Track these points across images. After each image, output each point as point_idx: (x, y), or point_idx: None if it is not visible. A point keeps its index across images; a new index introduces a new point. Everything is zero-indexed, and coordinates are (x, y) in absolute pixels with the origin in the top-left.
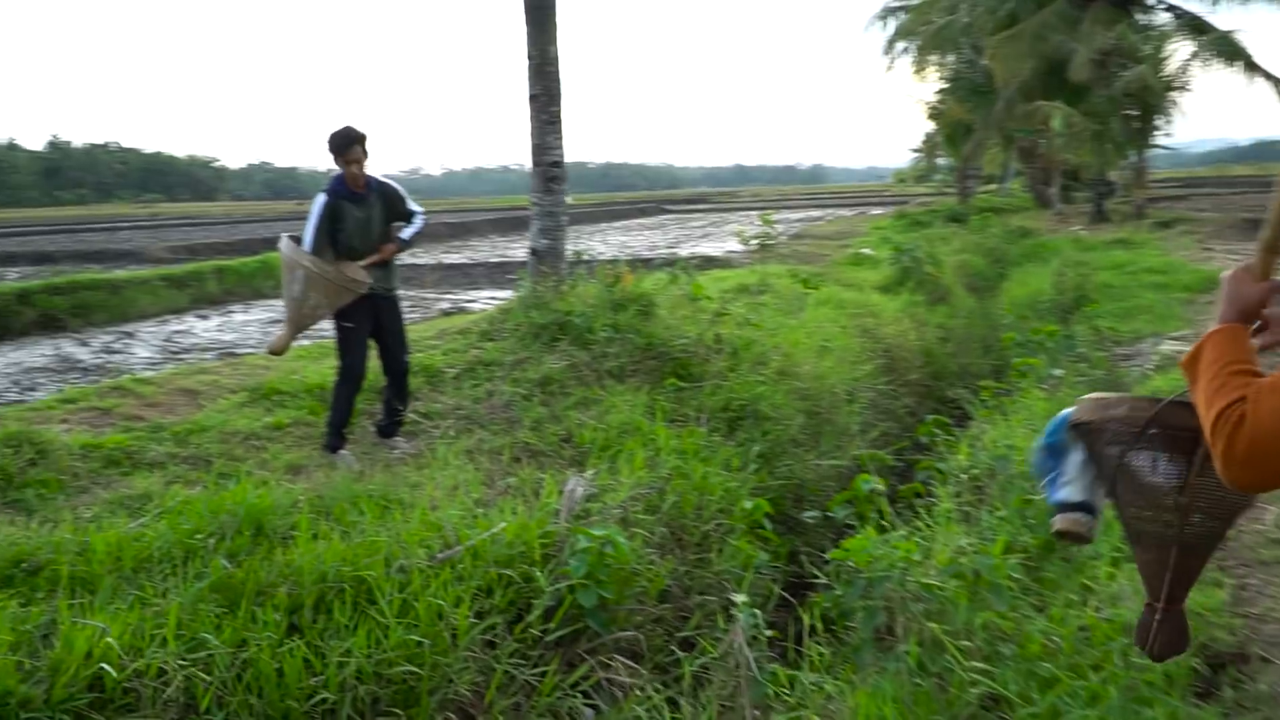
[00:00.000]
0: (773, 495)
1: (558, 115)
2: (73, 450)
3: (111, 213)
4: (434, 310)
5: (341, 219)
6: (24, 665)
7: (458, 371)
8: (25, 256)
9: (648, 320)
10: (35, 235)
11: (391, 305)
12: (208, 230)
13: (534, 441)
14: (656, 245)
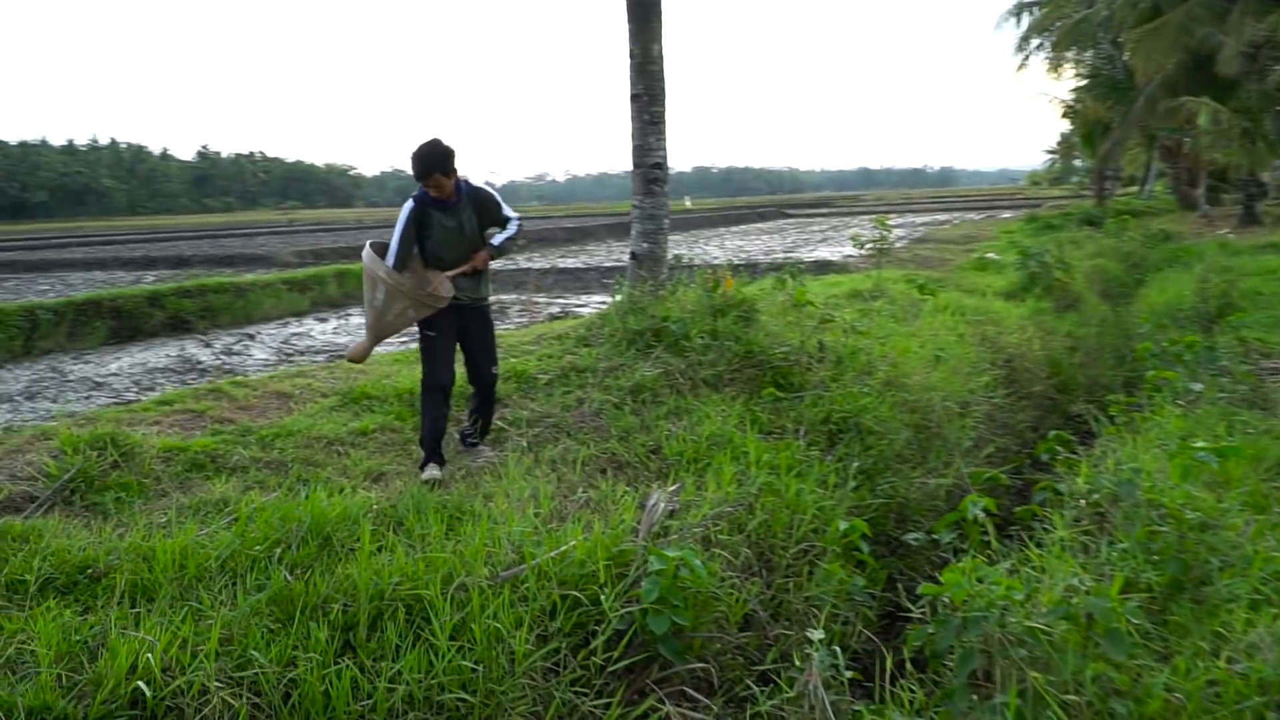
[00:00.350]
0: (872, 515)
1: (660, 115)
2: (158, 453)
3: (253, 219)
4: (543, 315)
5: (429, 227)
6: (65, 679)
7: (550, 378)
8: (165, 260)
9: (748, 327)
10: (178, 240)
11: (480, 315)
12: (336, 235)
13: (621, 452)
14: (773, 250)
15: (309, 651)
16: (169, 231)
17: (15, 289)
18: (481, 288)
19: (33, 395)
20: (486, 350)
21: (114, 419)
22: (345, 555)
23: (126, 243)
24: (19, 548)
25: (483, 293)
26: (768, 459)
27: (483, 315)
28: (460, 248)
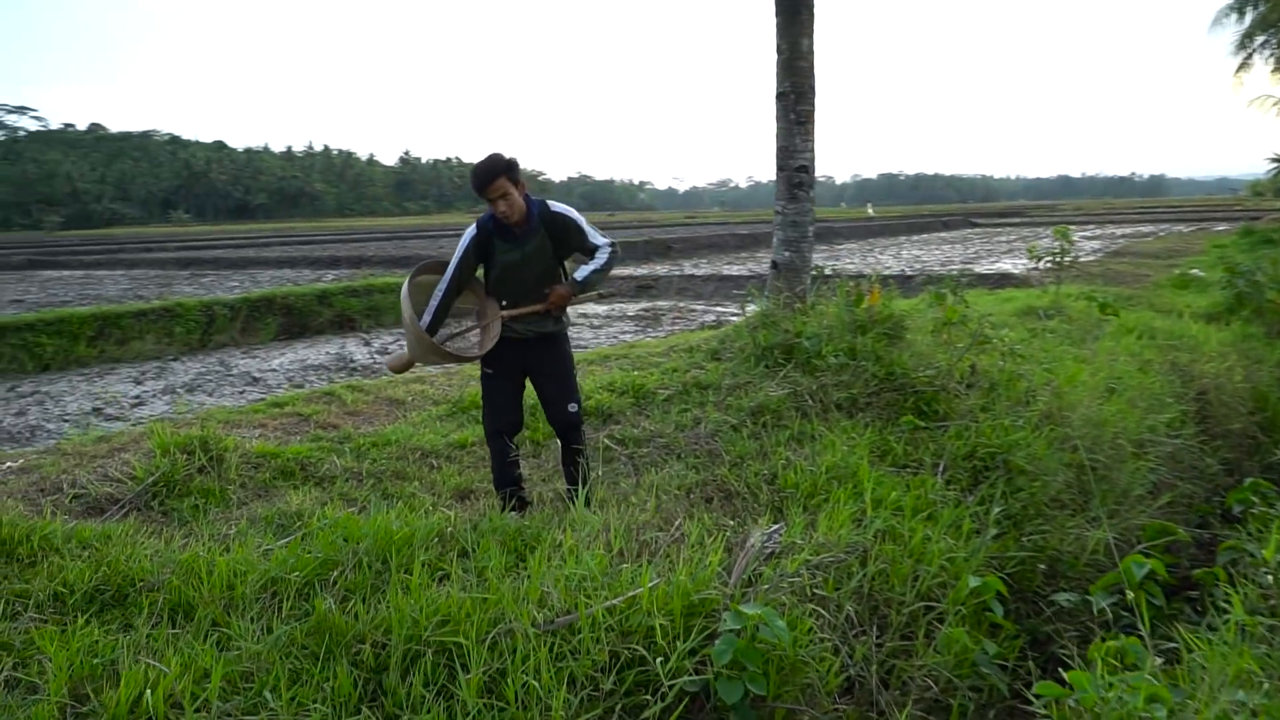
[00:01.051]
0: (1015, 569)
1: (808, 115)
2: (250, 458)
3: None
4: (696, 322)
5: (491, 256)
6: (70, 708)
7: (670, 393)
8: (348, 260)
9: (892, 346)
10: (368, 240)
11: (549, 346)
12: None
13: (731, 480)
14: (951, 260)
15: (336, 696)
16: (364, 232)
17: (209, 284)
18: (548, 321)
19: (193, 388)
20: (561, 384)
21: (224, 419)
22: (400, 584)
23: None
24: (80, 553)
25: (549, 327)
26: (894, 497)
27: (552, 345)
28: (523, 283)
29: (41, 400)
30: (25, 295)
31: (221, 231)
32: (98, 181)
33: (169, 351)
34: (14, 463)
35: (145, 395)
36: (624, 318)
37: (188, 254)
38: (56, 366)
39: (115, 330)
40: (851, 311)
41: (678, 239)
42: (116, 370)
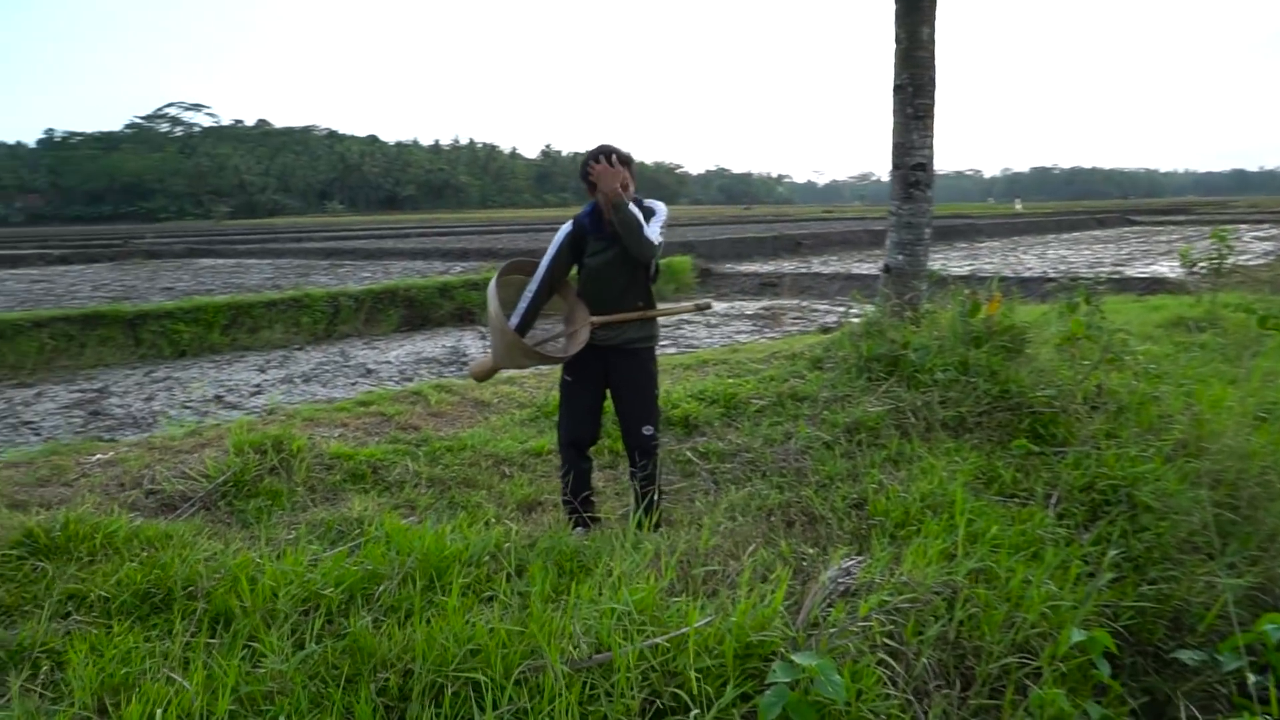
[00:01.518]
0: (1131, 619)
1: (926, 109)
2: (324, 459)
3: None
4: (816, 324)
5: (583, 256)
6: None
7: (763, 405)
8: (477, 253)
9: (1011, 360)
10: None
11: (631, 358)
12: None
13: (816, 503)
14: (1100, 262)
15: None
16: (503, 224)
17: (343, 275)
18: (635, 326)
19: (309, 379)
20: (640, 403)
21: (308, 417)
22: (437, 606)
23: (456, 234)
24: (139, 554)
25: (633, 333)
26: (995, 532)
27: (635, 358)
28: (613, 287)
29: (170, 386)
30: (177, 283)
31: (370, 222)
32: (262, 174)
33: (296, 341)
34: (104, 454)
35: (265, 384)
36: (741, 317)
37: (330, 244)
38: (192, 353)
39: (247, 319)
40: (966, 321)
41: (809, 234)
42: (245, 358)
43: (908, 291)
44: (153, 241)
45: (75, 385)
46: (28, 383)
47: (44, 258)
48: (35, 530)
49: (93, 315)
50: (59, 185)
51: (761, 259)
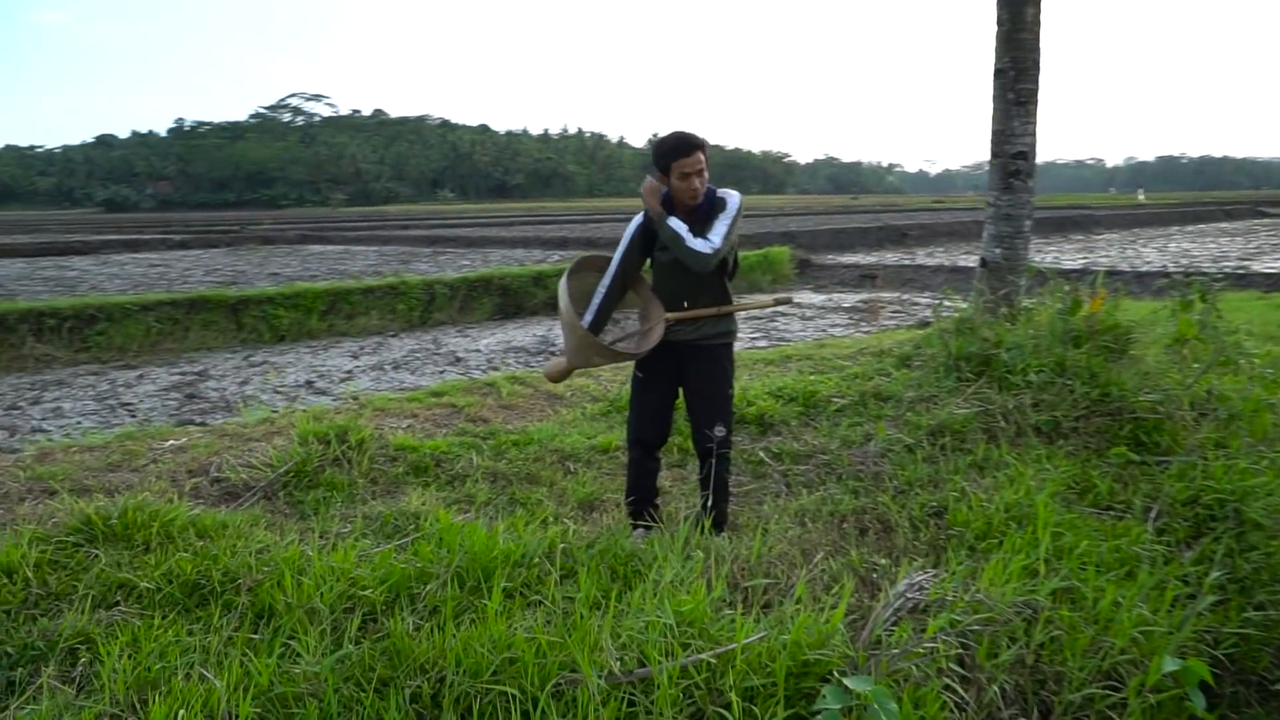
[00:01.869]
0: (1233, 647)
1: (1029, 95)
2: (389, 451)
3: None
4: (916, 318)
5: (654, 249)
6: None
7: (844, 404)
8: (576, 241)
9: (1114, 362)
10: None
11: (705, 355)
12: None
13: (892, 511)
14: (1226, 256)
15: None
16: (607, 213)
17: (443, 262)
18: (710, 320)
19: (399, 366)
20: (711, 403)
21: (379, 407)
22: (479, 611)
23: (558, 223)
24: (195, 543)
25: (709, 328)
26: (1085, 548)
27: (710, 355)
28: (687, 279)
29: (266, 371)
30: (285, 268)
31: (477, 210)
32: (377, 163)
33: (391, 328)
34: (175, 441)
35: (356, 370)
36: (838, 309)
37: (435, 232)
38: (291, 338)
39: (345, 305)
40: (1065, 319)
41: (916, 225)
42: (341, 344)
43: (1004, 287)
44: (268, 228)
45: (177, 368)
46: (132, 364)
47: (165, 242)
48: (93, 517)
49: (197, 300)
50: (187, 173)
51: (864, 250)
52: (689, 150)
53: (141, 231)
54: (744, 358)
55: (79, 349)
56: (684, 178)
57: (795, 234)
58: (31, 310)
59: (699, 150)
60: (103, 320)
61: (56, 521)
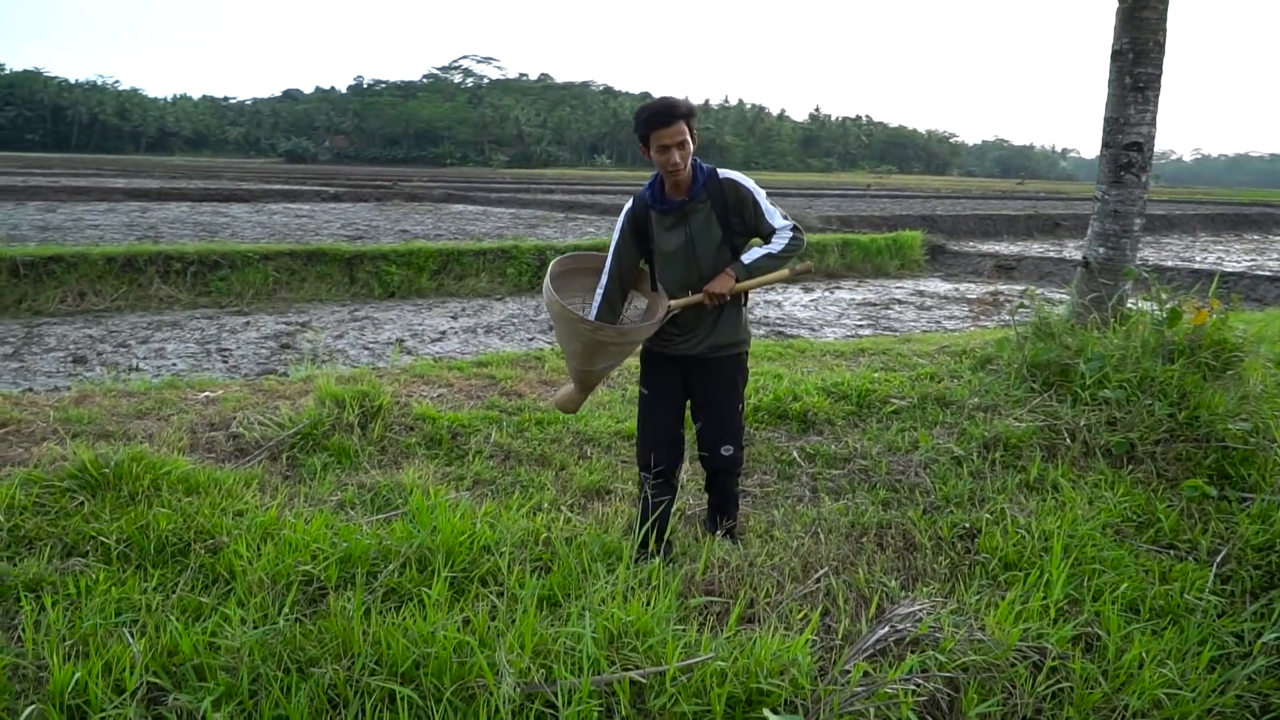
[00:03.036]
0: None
1: (1149, 79)
2: (408, 419)
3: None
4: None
5: (651, 241)
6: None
7: (901, 406)
8: None
9: (1212, 381)
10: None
11: (714, 369)
12: (905, 203)
13: (919, 529)
14: None
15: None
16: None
17: (572, 228)
18: (719, 329)
19: (490, 330)
20: (721, 420)
21: (419, 374)
22: (475, 593)
23: None
24: (182, 500)
25: (717, 338)
26: (1127, 589)
27: (720, 368)
28: (690, 272)
29: (363, 326)
30: (418, 225)
31: (629, 176)
32: (540, 126)
33: (498, 291)
34: (210, 393)
35: (450, 332)
36: (961, 300)
37: (574, 197)
38: (400, 295)
39: (455, 266)
40: (1160, 330)
41: (1072, 215)
42: (446, 304)
43: (1109, 290)
44: (416, 185)
45: (284, 317)
46: (245, 311)
47: (320, 194)
48: (89, 464)
49: (315, 252)
50: (362, 128)
51: (1010, 239)
52: (669, 119)
53: (304, 182)
54: (815, 348)
55: (200, 293)
56: (663, 150)
57: (938, 218)
58: (160, 253)
59: (681, 120)
60: (225, 267)
61: (57, 466)
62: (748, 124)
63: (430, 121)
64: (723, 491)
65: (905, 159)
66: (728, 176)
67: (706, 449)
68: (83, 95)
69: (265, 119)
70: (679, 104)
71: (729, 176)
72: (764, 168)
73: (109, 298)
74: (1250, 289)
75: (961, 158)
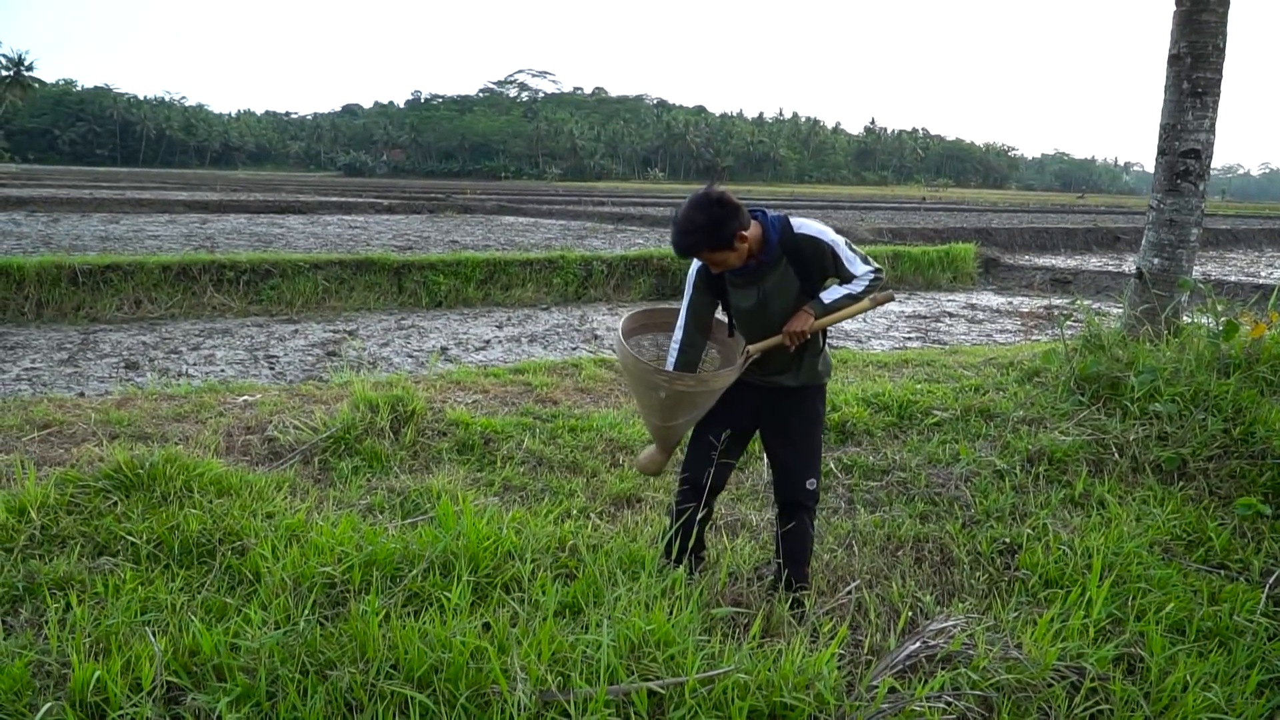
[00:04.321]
0: None
1: (1208, 85)
2: (440, 425)
3: (895, 194)
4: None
5: (724, 295)
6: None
7: (944, 417)
8: None
9: (1269, 396)
10: (803, 206)
11: (793, 399)
12: (959, 215)
13: (955, 543)
14: None
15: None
16: (808, 199)
17: (620, 239)
18: (794, 368)
19: (535, 339)
20: (801, 451)
21: (456, 380)
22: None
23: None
24: (214, 502)
25: (794, 377)
26: (1173, 610)
27: (805, 399)
28: (765, 329)
29: (409, 335)
30: (468, 236)
31: (682, 189)
32: (593, 139)
33: (544, 301)
34: (249, 397)
35: (494, 341)
36: (1013, 314)
37: (624, 209)
38: (447, 304)
39: (502, 276)
40: (1216, 343)
41: (1131, 229)
42: (492, 314)
43: (1163, 301)
44: (468, 198)
45: (332, 325)
46: (295, 319)
47: (374, 206)
48: (124, 465)
49: (364, 261)
50: (419, 142)
51: (1067, 252)
52: (684, 254)
53: (360, 195)
54: (858, 359)
55: (252, 301)
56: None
57: (993, 231)
58: (214, 262)
59: (693, 253)
60: (276, 276)
61: (94, 467)
62: (802, 137)
63: (485, 135)
64: (799, 531)
65: (962, 172)
66: (804, 232)
67: (788, 482)
68: (150, 111)
69: (325, 133)
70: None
71: (805, 232)
72: (818, 181)
73: (164, 305)
74: None
75: (1020, 171)
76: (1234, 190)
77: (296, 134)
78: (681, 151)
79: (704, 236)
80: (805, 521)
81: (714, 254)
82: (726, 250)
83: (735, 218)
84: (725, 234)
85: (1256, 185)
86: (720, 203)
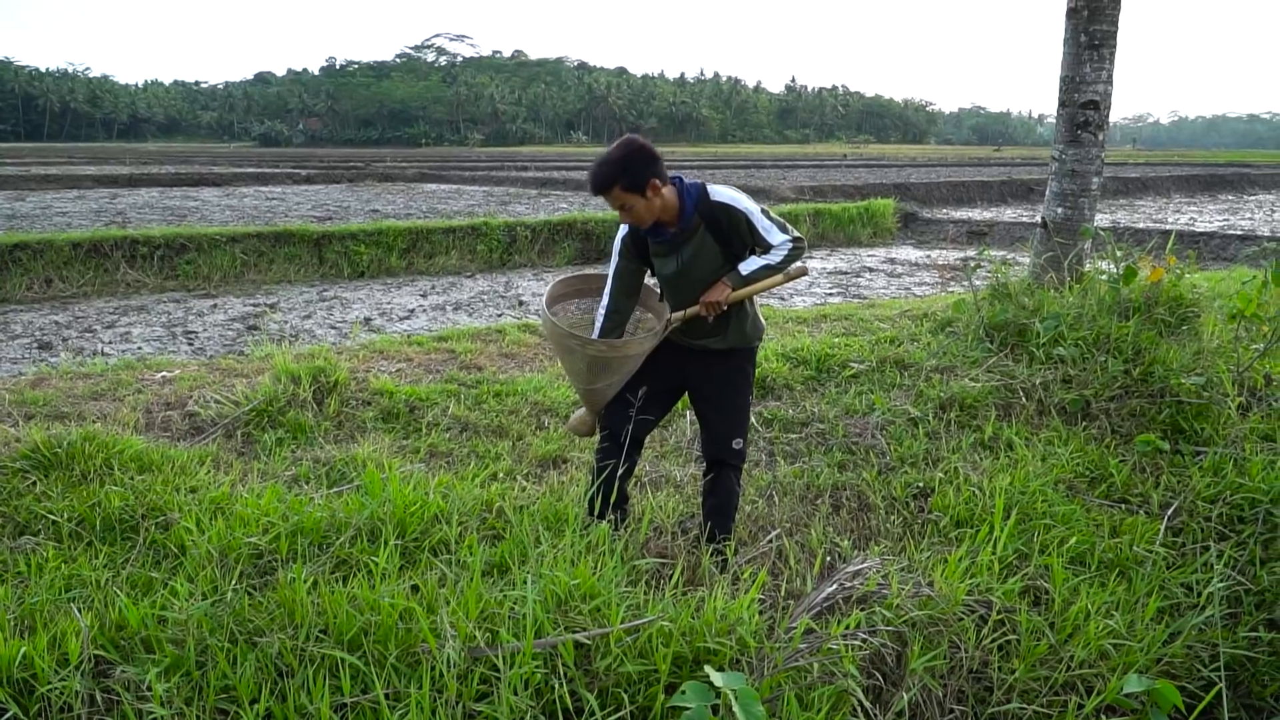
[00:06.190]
0: (1241, 670)
1: (1104, 37)
2: (364, 395)
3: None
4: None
5: (650, 260)
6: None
7: (860, 370)
8: None
9: (1167, 338)
10: (714, 168)
11: (718, 362)
12: (879, 171)
13: (871, 490)
14: None
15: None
16: (732, 159)
17: (543, 205)
18: (723, 332)
19: (459, 307)
20: (729, 411)
21: (378, 350)
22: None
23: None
24: (134, 478)
25: (723, 340)
26: (1076, 543)
27: (725, 362)
28: (686, 296)
29: (331, 306)
30: (389, 205)
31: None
32: (515, 103)
33: (469, 268)
34: (167, 373)
35: (419, 310)
36: (931, 267)
37: (547, 174)
38: (370, 274)
39: (425, 244)
40: (1116, 287)
41: (1044, 180)
42: (416, 283)
43: (1067, 250)
44: (389, 165)
45: (252, 299)
46: (213, 294)
47: (292, 177)
48: (41, 445)
49: (282, 233)
50: (335, 110)
51: (984, 205)
52: (596, 190)
53: (277, 165)
54: (778, 315)
55: (167, 277)
56: (621, 213)
57: (912, 186)
58: (126, 238)
59: (606, 190)
60: (192, 250)
61: (10, 448)
62: (724, 97)
63: (404, 101)
64: (725, 488)
65: (882, 128)
66: (719, 200)
67: (715, 441)
68: (53, 84)
69: (238, 103)
70: (607, 173)
71: (720, 200)
72: (741, 140)
73: (75, 284)
74: (1221, 248)
75: (938, 126)
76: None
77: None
78: (604, 114)
79: (620, 170)
80: (731, 479)
81: (625, 195)
82: (637, 195)
83: (652, 165)
84: (639, 176)
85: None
86: (641, 148)
